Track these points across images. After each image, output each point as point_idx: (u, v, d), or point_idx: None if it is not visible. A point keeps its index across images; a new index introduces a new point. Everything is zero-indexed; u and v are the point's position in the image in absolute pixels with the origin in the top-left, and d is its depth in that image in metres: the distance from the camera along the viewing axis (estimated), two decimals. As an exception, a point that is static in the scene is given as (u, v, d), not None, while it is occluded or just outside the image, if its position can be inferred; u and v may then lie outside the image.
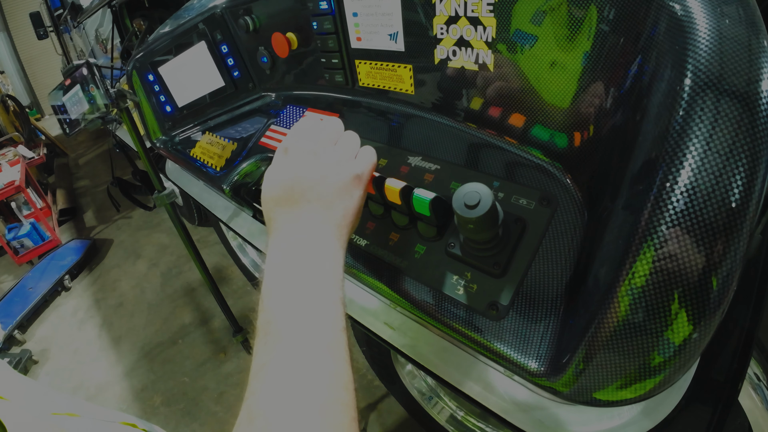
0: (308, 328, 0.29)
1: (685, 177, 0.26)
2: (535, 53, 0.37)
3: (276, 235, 0.35)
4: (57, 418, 0.33)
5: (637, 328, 0.29)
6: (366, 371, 1.64)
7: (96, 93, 0.58)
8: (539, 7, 0.36)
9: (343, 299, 0.32)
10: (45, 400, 0.35)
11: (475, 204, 0.30)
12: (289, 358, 0.27)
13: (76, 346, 2.14)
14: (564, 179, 0.39)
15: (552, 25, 0.35)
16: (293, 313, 0.29)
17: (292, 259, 0.32)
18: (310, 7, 0.56)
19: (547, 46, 0.36)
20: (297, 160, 0.38)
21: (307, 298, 0.30)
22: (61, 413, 0.34)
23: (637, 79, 0.30)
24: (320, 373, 0.27)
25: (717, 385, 0.54)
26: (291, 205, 0.36)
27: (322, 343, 0.28)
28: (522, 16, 0.37)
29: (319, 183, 0.36)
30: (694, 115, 0.26)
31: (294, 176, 0.37)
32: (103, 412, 0.40)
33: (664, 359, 0.30)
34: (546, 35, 0.36)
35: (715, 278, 0.27)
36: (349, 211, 0.37)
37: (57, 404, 0.35)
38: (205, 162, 0.81)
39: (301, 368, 0.27)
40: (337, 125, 0.43)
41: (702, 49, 0.26)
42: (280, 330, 0.28)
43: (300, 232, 0.34)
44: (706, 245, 0.26)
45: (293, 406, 0.25)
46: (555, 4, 0.34)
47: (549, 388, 0.35)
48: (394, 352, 0.53)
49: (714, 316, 0.28)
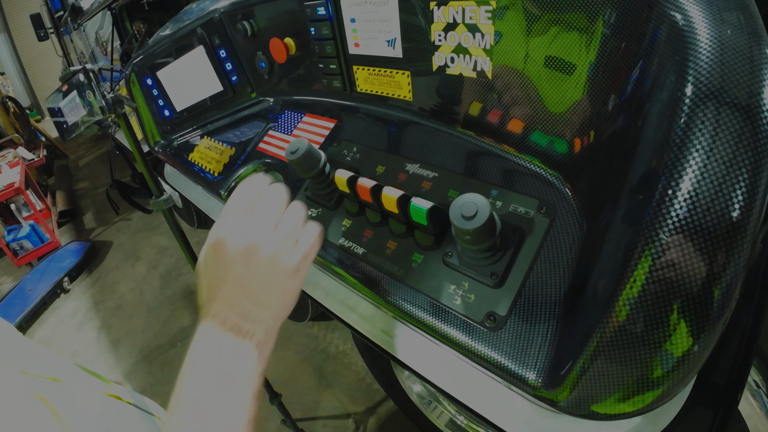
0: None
1: (686, 187, 0.26)
2: (533, 60, 0.37)
3: (203, 328, 0.35)
4: (37, 381, 0.32)
5: (637, 340, 0.29)
6: (365, 375, 1.63)
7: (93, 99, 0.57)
8: (538, 15, 0.35)
9: (253, 419, 0.33)
10: (29, 360, 0.35)
11: (472, 215, 0.30)
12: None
13: (75, 348, 2.14)
14: (563, 188, 0.38)
15: (551, 32, 0.35)
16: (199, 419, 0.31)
17: (210, 368, 0.33)
18: (308, 12, 0.56)
19: (546, 52, 0.36)
20: (230, 260, 0.35)
21: (214, 411, 0.31)
22: (44, 376, 0.33)
23: (638, 84, 0.30)
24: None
25: (718, 391, 0.54)
26: (221, 303, 0.35)
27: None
28: (520, 23, 0.37)
29: (252, 283, 0.35)
30: (693, 126, 0.25)
31: (226, 277, 0.35)
32: (88, 379, 0.40)
33: (664, 372, 0.29)
34: (545, 42, 0.36)
35: (717, 289, 0.27)
36: (281, 309, 0.37)
37: (41, 365, 0.35)
38: (203, 167, 0.80)
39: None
40: (278, 199, 0.39)
41: (703, 59, 0.26)
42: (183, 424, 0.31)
43: (222, 343, 0.34)
44: (708, 256, 0.26)
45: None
46: (553, 11, 0.34)
47: (546, 399, 0.35)
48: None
49: (716, 328, 0.28)
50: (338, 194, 0.51)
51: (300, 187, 0.58)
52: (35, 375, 0.33)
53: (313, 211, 0.54)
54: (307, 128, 0.65)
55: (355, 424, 1.51)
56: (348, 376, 1.67)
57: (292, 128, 0.68)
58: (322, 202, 0.53)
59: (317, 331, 1.89)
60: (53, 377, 0.34)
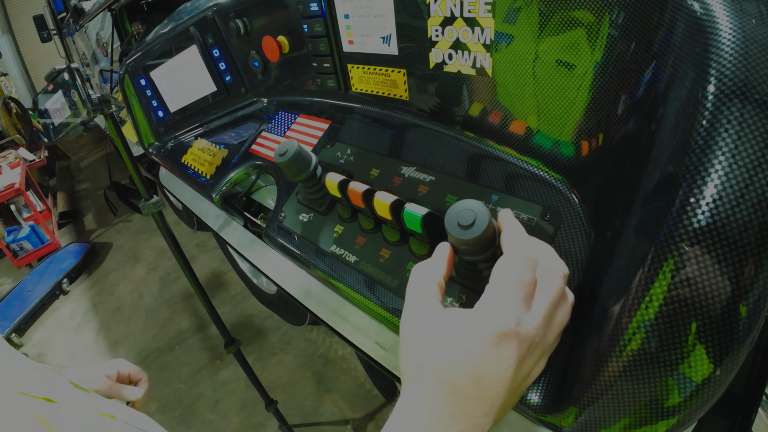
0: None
1: (710, 193, 0.23)
2: (539, 56, 0.34)
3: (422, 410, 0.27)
4: (34, 402, 0.30)
5: (652, 364, 0.26)
6: (364, 380, 1.60)
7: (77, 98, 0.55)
8: (542, 9, 0.33)
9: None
10: (23, 378, 0.33)
11: (469, 224, 0.27)
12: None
13: (73, 350, 2.12)
14: (569, 194, 0.35)
15: (556, 25, 0.32)
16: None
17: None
18: (300, 9, 0.54)
19: (551, 48, 0.33)
20: (511, 357, 0.26)
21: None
22: (40, 397, 0.31)
23: (651, 85, 0.27)
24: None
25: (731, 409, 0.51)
26: (457, 399, 0.27)
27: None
28: (523, 18, 0.34)
29: (512, 391, 0.27)
30: (718, 126, 0.23)
31: (497, 376, 0.26)
32: (82, 398, 0.38)
33: (681, 399, 0.27)
34: (549, 39, 0.33)
35: (744, 306, 0.24)
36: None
37: (35, 384, 0.33)
38: (196, 169, 0.78)
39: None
40: (550, 265, 0.30)
41: (726, 52, 0.23)
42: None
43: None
44: (734, 269, 0.23)
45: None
46: (559, 6, 0.32)
47: (549, 424, 0.32)
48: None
49: (741, 350, 0.25)
50: (330, 199, 0.49)
51: (292, 191, 0.56)
52: (32, 396, 0.31)
53: (304, 216, 0.52)
54: (300, 129, 0.63)
55: (353, 430, 1.49)
56: (347, 381, 1.64)
57: (285, 129, 0.66)
58: (314, 207, 0.51)
59: (316, 335, 1.86)
60: (48, 398, 0.32)
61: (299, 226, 0.52)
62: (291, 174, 0.47)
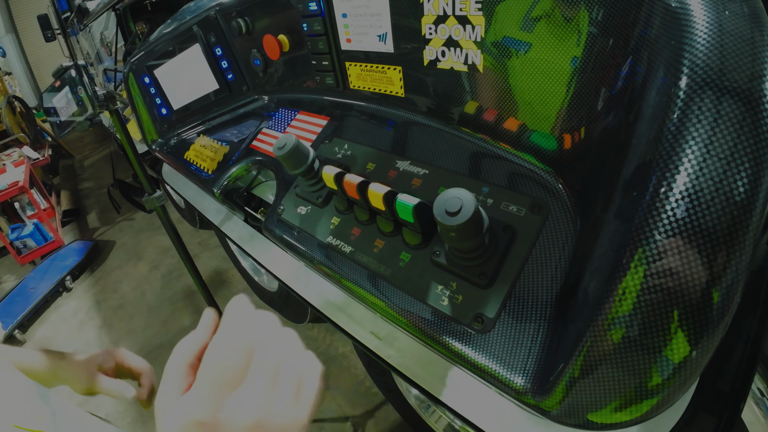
0: None
1: (682, 182, 0.24)
2: (524, 53, 0.36)
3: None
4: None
5: (630, 346, 0.27)
6: (363, 377, 1.61)
7: (84, 95, 0.57)
8: (529, 6, 0.34)
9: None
10: (17, 407, 0.34)
11: (456, 211, 0.28)
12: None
13: (76, 347, 2.14)
14: (556, 184, 0.37)
15: (542, 24, 0.34)
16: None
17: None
18: (300, 8, 0.55)
19: (537, 45, 0.35)
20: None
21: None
22: (34, 430, 0.32)
23: (629, 79, 0.28)
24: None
25: (721, 399, 0.52)
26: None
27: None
28: (511, 15, 0.35)
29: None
30: (691, 116, 0.24)
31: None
32: (74, 421, 0.38)
33: (662, 379, 0.28)
34: (535, 35, 0.34)
35: (716, 292, 0.25)
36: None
37: (28, 412, 0.34)
38: (198, 165, 0.80)
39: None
40: (274, 341, 0.31)
41: (700, 44, 0.24)
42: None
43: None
44: (706, 256, 0.24)
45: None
46: (545, 3, 0.33)
47: (535, 407, 0.33)
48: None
49: (715, 333, 0.26)
50: (327, 191, 0.50)
51: (290, 185, 0.57)
52: (27, 429, 0.32)
53: (302, 209, 0.53)
54: (299, 125, 0.64)
55: (353, 427, 1.50)
56: (347, 378, 1.65)
57: (285, 126, 0.67)
58: (311, 200, 0.52)
59: (317, 333, 1.88)
60: (36, 430, 0.33)
61: (297, 218, 0.53)
62: (290, 167, 0.48)
